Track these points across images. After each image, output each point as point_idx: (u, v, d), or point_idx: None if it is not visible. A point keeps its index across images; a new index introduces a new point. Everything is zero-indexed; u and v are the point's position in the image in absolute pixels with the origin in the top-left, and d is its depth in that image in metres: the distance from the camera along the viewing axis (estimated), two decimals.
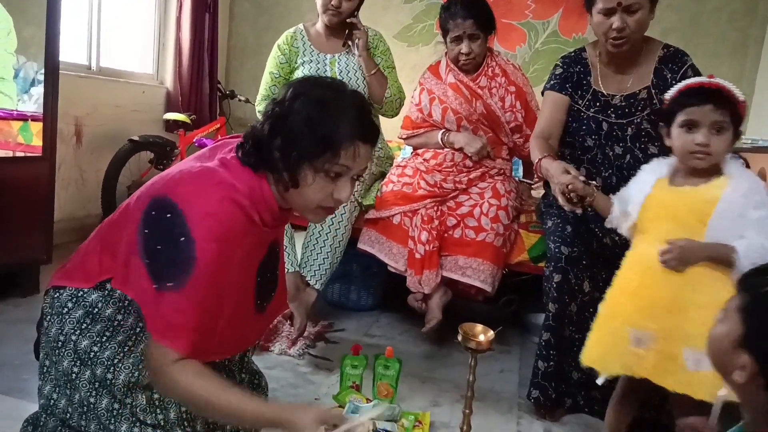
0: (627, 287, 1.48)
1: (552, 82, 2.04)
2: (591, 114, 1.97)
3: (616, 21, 1.78)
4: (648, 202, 1.49)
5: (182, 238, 1.03)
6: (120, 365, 1.10)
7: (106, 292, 1.13)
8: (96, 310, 1.12)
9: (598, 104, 1.97)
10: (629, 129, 1.94)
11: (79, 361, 1.10)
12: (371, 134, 1.18)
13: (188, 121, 3.81)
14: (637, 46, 1.91)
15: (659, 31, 4.05)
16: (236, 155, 1.17)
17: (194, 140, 3.59)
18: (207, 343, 1.10)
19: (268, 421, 1.05)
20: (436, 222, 2.23)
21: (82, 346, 1.11)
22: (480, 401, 1.91)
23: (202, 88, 4.26)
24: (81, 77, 3.44)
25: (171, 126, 3.92)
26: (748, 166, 3.14)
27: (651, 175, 1.53)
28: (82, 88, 3.40)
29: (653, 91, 1.92)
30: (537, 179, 2.61)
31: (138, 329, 1.13)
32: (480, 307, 2.60)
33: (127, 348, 1.12)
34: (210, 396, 1.04)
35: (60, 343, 1.12)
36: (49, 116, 2.47)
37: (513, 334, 2.60)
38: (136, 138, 3.51)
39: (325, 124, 1.11)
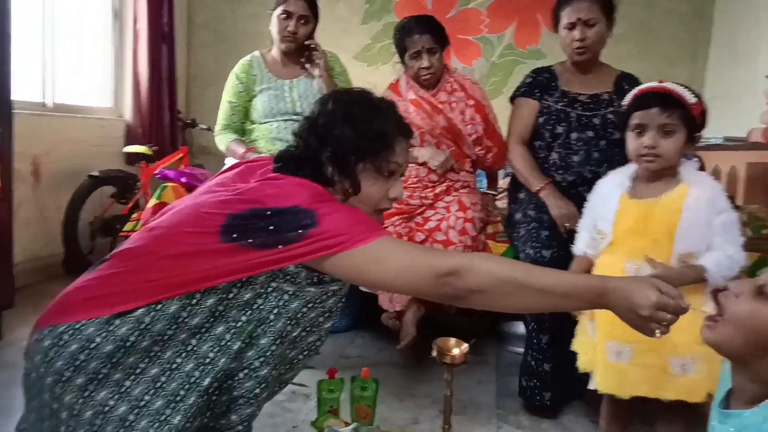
0: None
1: (522, 90, 2.21)
2: (560, 107, 2.12)
3: (577, 33, 2.02)
4: (617, 217, 1.48)
5: (297, 213, 1.05)
6: (144, 409, 1.04)
7: (143, 325, 1.05)
8: (128, 343, 1.05)
9: (566, 99, 2.14)
10: (595, 120, 2.08)
11: (81, 399, 1.03)
12: (410, 130, 1.27)
13: (150, 152, 3.76)
14: (597, 61, 2.15)
15: (612, 39, 4.17)
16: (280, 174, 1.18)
17: (156, 172, 3.54)
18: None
19: (593, 292, 1.01)
20: (405, 239, 2.23)
21: (115, 378, 1.04)
22: (459, 414, 1.91)
23: (162, 118, 4.22)
24: (36, 115, 3.36)
25: (132, 158, 3.86)
26: (703, 165, 3.25)
27: (615, 190, 1.53)
28: (38, 126, 3.33)
29: (614, 96, 2.10)
30: (501, 189, 2.66)
31: (175, 365, 1.08)
32: (454, 320, 2.60)
33: (159, 384, 1.06)
34: (518, 274, 1.02)
35: (65, 377, 1.03)
36: (4, 157, 2.41)
37: (488, 344, 2.60)
38: (96, 173, 3.45)
39: (377, 122, 1.18)
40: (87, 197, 3.45)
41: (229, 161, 2.45)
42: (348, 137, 1.16)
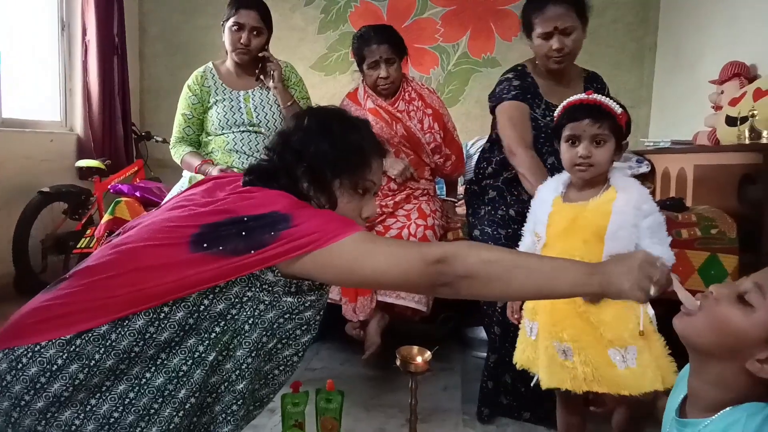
0: (542, 302, 1.54)
1: (513, 93, 2.02)
2: (547, 122, 2.01)
3: (555, 43, 1.91)
4: (550, 220, 1.55)
5: (272, 217, 1.04)
6: (116, 425, 1.02)
7: (108, 343, 1.02)
8: (93, 362, 1.01)
9: (550, 114, 2.01)
10: None
11: (44, 421, 1.00)
12: (384, 149, 1.26)
13: (103, 166, 3.67)
14: (571, 64, 2.06)
15: None
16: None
17: (109, 186, 3.45)
18: None
19: (582, 270, 0.99)
20: None
21: (78, 398, 1.01)
22: (425, 422, 1.91)
23: (115, 131, 4.12)
24: None
25: (85, 173, 3.75)
26: (653, 167, 3.35)
27: (550, 194, 1.59)
28: None
29: None
30: (460, 196, 2.68)
31: (144, 380, 1.04)
32: (418, 327, 2.61)
33: (127, 401, 1.03)
34: (505, 256, 1.03)
35: (24, 402, 0.99)
36: None
37: (453, 350, 2.62)
38: (46, 189, 3.34)
39: (355, 139, 1.17)
40: (37, 214, 3.33)
41: (186, 174, 2.42)
42: (325, 152, 1.16)
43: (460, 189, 2.87)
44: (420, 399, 1.65)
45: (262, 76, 2.41)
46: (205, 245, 1.03)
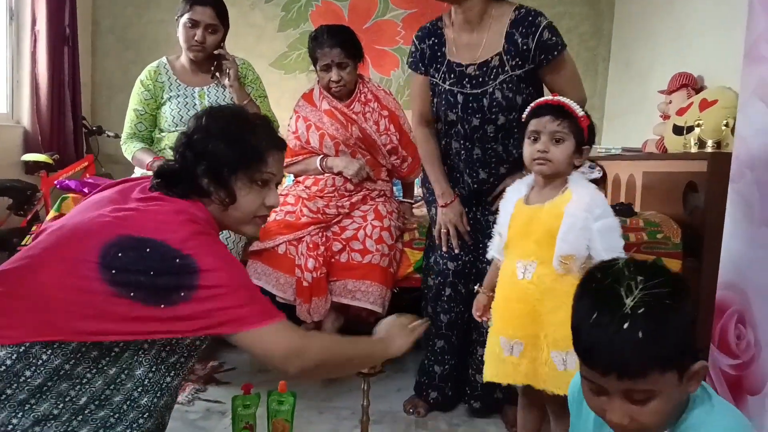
0: (498, 299, 1.60)
1: (410, 60, 2.07)
2: (447, 87, 1.94)
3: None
4: (511, 221, 1.59)
5: (177, 260, 1.06)
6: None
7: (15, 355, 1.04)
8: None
9: (453, 76, 1.93)
10: (483, 100, 1.90)
11: None
12: (283, 143, 1.35)
13: (50, 161, 3.55)
14: (485, 7, 1.87)
15: None
16: (157, 193, 1.21)
17: (56, 182, 3.33)
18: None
19: (380, 347, 1.41)
20: (322, 248, 2.22)
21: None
22: (378, 424, 1.91)
23: (64, 125, 3.98)
24: None
25: (31, 168, 3.63)
26: (605, 173, 3.44)
27: (514, 196, 1.63)
28: None
29: (505, 57, 1.87)
30: (417, 198, 2.69)
31: (39, 392, 1.06)
32: (373, 329, 2.60)
33: (28, 406, 1.05)
34: (346, 350, 1.34)
35: None
36: None
37: (407, 352, 2.61)
38: None
39: (248, 137, 1.25)
40: None
41: (138, 171, 2.36)
42: (222, 151, 1.22)
43: (418, 190, 2.88)
44: (373, 400, 1.65)
45: (217, 74, 2.36)
46: (113, 272, 1.04)
